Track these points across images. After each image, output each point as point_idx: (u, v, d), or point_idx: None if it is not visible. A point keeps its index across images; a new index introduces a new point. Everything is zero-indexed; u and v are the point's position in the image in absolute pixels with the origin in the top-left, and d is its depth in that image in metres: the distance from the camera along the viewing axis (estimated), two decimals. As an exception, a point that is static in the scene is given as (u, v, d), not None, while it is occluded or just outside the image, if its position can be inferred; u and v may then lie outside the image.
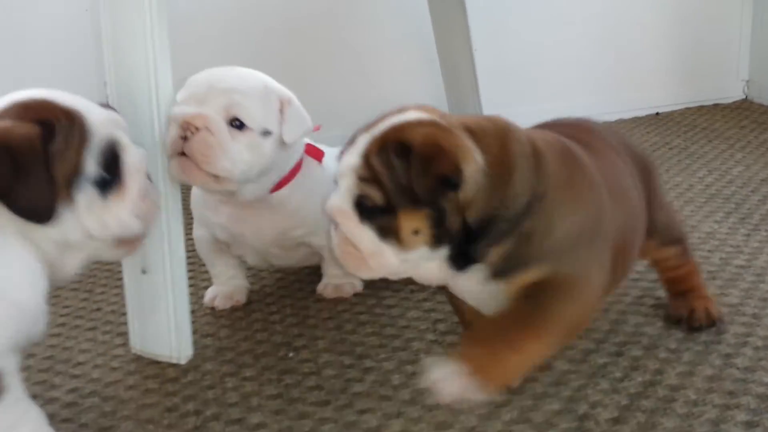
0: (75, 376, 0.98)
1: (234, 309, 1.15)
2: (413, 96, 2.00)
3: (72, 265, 0.80)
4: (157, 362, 1.00)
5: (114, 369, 1.00)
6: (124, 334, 1.07)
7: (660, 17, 2.27)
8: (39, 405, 0.90)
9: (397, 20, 2.01)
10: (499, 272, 0.80)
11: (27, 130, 0.73)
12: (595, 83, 2.23)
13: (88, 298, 1.22)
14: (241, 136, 0.98)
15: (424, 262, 0.79)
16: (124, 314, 1.13)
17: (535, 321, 0.78)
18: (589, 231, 0.82)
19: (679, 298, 1.04)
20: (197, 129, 0.95)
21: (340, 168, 0.80)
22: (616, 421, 0.84)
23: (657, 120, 2.21)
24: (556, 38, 2.14)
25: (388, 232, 0.77)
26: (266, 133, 1.00)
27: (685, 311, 1.02)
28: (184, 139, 0.95)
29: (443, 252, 0.78)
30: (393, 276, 0.82)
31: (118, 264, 1.30)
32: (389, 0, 1.98)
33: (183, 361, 1.00)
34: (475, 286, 0.82)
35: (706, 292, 1.05)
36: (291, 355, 1.01)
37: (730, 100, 2.33)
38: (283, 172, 1.06)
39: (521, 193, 0.78)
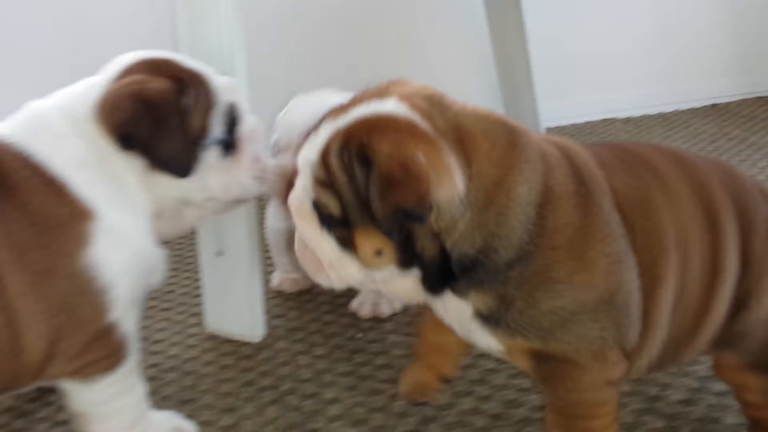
0: (154, 353, 1.03)
1: (301, 293, 1.18)
2: (466, 89, 2.02)
3: (189, 220, 0.83)
4: (232, 341, 1.04)
5: (191, 347, 1.04)
6: (198, 315, 1.11)
7: (717, 8, 2.23)
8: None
9: (451, 13, 2.03)
10: (485, 320, 0.67)
11: (162, 84, 0.75)
12: (651, 74, 2.20)
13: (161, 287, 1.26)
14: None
15: (396, 279, 0.66)
16: (196, 296, 1.18)
17: (573, 425, 0.70)
18: (593, 303, 0.65)
19: None
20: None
21: (298, 161, 0.66)
22: (686, 402, 0.85)
23: (714, 111, 2.17)
24: (612, 29, 2.12)
25: (349, 244, 0.64)
26: None
27: None
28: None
29: (416, 272, 0.65)
30: (362, 288, 0.70)
31: (187, 248, 1.35)
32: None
33: (256, 340, 1.03)
34: (456, 317, 0.69)
35: None
36: (359, 336, 1.04)
37: (789, 91, 2.29)
38: None
39: (506, 247, 0.63)
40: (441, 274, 0.64)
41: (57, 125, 0.74)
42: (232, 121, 0.81)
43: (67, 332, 0.71)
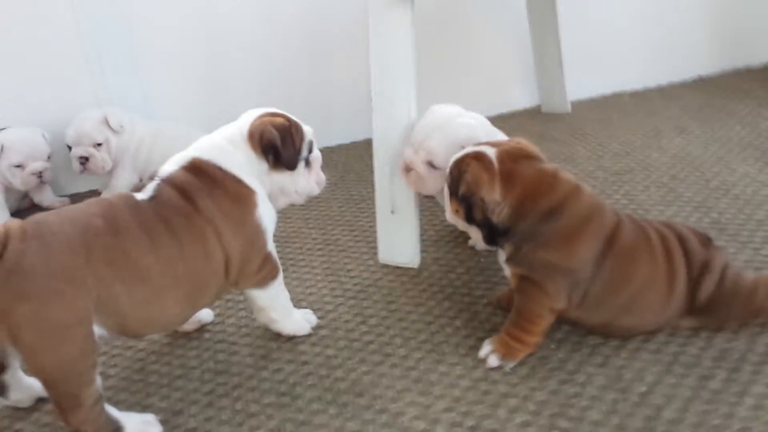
0: (353, 277, 1.61)
1: (433, 238, 1.76)
2: (509, 73, 2.56)
3: (281, 204, 1.36)
4: (399, 268, 1.62)
5: (374, 272, 1.62)
6: (367, 253, 1.69)
7: (701, -4, 2.74)
8: (340, 293, 1.53)
9: (501, 19, 2.55)
10: (508, 260, 1.25)
11: (284, 122, 1.28)
12: (649, 53, 2.73)
13: (325, 234, 1.84)
14: (434, 172, 1.47)
15: (469, 228, 1.29)
16: (358, 241, 1.76)
17: (518, 322, 1.23)
18: (560, 267, 1.19)
19: None
20: (411, 168, 1.50)
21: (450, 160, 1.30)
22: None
23: (701, 83, 2.72)
24: (620, 21, 2.65)
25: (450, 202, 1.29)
26: None
27: None
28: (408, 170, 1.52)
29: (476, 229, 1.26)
30: (459, 226, 1.32)
31: (349, 214, 1.92)
32: (502, 12, 2.52)
33: (416, 266, 1.62)
34: (502, 262, 1.28)
35: None
36: (482, 260, 1.62)
37: (760, 64, 2.83)
38: None
39: (525, 226, 1.20)
40: (490, 234, 1.24)
41: (229, 149, 1.27)
42: (310, 149, 1.36)
43: (250, 258, 1.26)
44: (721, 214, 1.69)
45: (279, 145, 1.27)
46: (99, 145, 2.03)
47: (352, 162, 2.31)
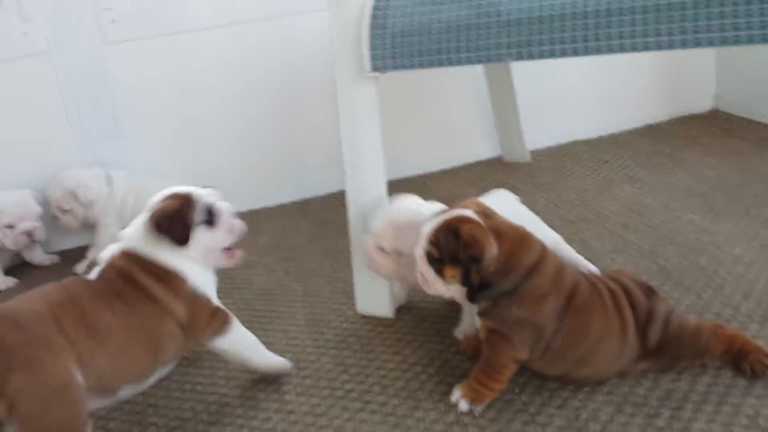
0: (333, 328, 1.73)
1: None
2: (474, 129, 2.72)
3: (211, 264, 1.47)
4: (376, 318, 1.75)
5: (353, 322, 1.75)
6: (346, 303, 1.82)
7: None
8: (322, 344, 1.66)
9: (462, 79, 2.71)
10: (480, 313, 1.35)
11: (173, 204, 1.40)
12: (602, 104, 2.90)
13: (306, 286, 1.96)
14: (386, 257, 1.55)
15: (459, 292, 1.33)
16: (337, 292, 1.89)
17: (486, 370, 1.35)
18: (529, 322, 1.30)
19: None
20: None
21: (421, 233, 1.33)
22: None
23: (650, 130, 2.90)
24: (574, 79, 2.83)
25: (440, 273, 1.31)
26: (400, 253, 1.53)
27: None
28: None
29: (464, 289, 1.31)
30: (445, 296, 1.35)
31: (331, 268, 2.05)
32: (461, 72, 2.67)
33: (391, 316, 1.75)
34: (474, 314, 1.38)
35: None
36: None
37: (704, 110, 3.04)
38: None
39: (507, 282, 1.29)
40: (475, 292, 1.32)
41: (144, 235, 1.39)
42: (209, 212, 1.42)
43: (196, 314, 1.39)
44: (667, 261, 1.84)
45: (165, 231, 1.39)
46: (66, 210, 2.21)
47: (328, 214, 2.44)
